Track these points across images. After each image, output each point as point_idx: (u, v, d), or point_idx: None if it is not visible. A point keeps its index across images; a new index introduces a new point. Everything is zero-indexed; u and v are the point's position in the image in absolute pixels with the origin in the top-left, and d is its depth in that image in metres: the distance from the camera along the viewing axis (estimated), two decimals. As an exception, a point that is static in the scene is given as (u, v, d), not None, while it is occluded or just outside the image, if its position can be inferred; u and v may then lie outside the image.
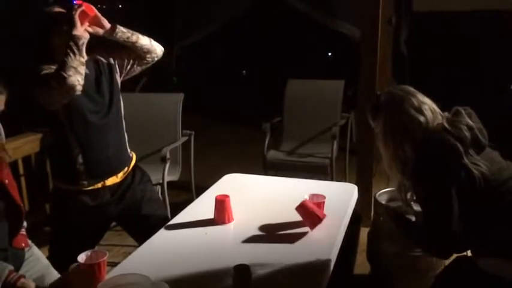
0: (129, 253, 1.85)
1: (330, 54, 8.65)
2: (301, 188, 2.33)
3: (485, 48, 5.59)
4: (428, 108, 1.64)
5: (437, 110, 1.67)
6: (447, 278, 1.76)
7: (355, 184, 2.54)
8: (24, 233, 1.78)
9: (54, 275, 1.82)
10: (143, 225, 2.29)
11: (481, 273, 1.57)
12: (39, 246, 1.95)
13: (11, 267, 1.61)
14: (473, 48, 5.60)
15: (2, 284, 1.54)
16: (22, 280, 1.58)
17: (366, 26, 3.31)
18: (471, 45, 5.61)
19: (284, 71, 5.41)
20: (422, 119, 1.61)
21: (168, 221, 2.13)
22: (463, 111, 1.63)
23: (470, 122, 1.59)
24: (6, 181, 1.70)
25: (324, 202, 2.00)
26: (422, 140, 1.60)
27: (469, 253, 1.67)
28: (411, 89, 1.70)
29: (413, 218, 2.03)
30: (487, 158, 1.59)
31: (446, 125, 1.59)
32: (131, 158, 2.34)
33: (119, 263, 1.75)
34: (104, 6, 7.54)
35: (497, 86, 5.14)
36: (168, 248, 1.90)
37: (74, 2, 1.99)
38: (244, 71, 9.43)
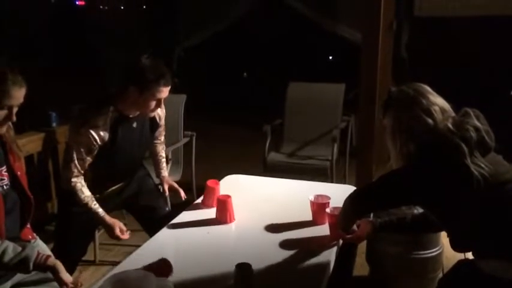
0: (130, 253, 1.87)
1: (331, 57, 8.67)
2: (302, 190, 2.36)
3: (485, 54, 5.61)
4: (439, 109, 1.64)
5: (449, 109, 1.67)
6: (449, 282, 1.77)
7: (355, 186, 2.56)
8: (29, 226, 1.82)
9: None
10: (143, 215, 2.36)
11: (483, 275, 1.57)
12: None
13: (38, 248, 1.64)
14: (474, 54, 5.63)
15: (33, 263, 1.57)
16: (51, 259, 1.61)
17: (367, 30, 3.33)
18: (471, 50, 5.64)
19: (285, 74, 5.43)
20: (430, 121, 1.61)
21: (170, 213, 2.19)
22: (471, 113, 1.63)
23: (478, 124, 1.59)
24: (19, 173, 1.75)
25: (328, 203, 2.03)
26: (427, 141, 1.61)
27: (469, 256, 1.68)
28: (424, 88, 1.69)
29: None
30: (493, 160, 1.59)
31: (450, 126, 1.59)
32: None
33: (119, 262, 1.77)
34: (106, 7, 7.57)
35: (497, 91, 5.17)
36: (170, 247, 1.93)
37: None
38: (245, 73, 9.45)
